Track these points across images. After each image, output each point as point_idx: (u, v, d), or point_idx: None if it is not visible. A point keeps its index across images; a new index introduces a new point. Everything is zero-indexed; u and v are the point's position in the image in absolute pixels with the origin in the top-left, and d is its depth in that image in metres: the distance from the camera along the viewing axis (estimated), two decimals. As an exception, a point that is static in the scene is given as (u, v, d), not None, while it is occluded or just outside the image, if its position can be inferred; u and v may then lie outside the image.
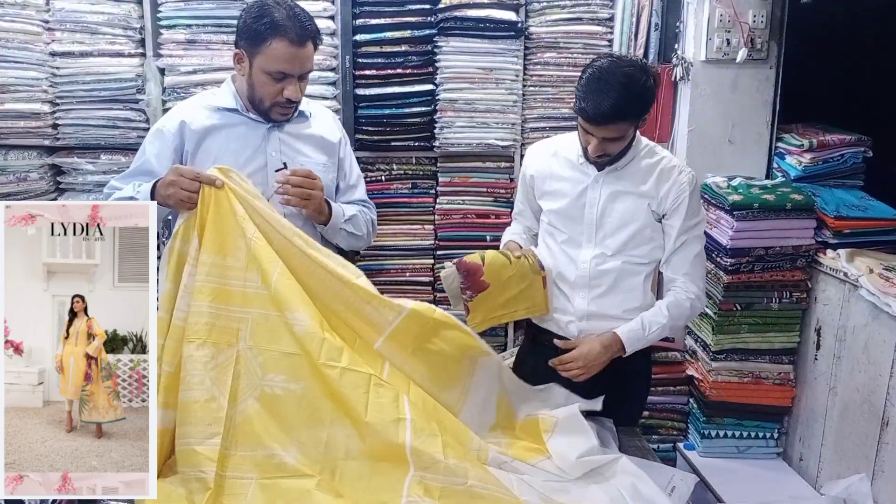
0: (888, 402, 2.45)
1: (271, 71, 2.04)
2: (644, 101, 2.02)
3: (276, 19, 2.01)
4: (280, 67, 2.04)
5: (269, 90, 2.08)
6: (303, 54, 2.05)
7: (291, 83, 2.07)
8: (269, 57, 2.03)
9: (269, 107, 2.11)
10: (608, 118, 1.97)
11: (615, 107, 1.94)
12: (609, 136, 2.02)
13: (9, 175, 3.02)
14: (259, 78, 2.07)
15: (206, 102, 2.20)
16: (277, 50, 2.02)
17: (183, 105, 2.25)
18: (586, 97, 1.97)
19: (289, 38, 2.01)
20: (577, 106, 2.03)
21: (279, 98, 2.08)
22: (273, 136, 2.18)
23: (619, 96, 1.94)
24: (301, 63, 2.06)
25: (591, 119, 1.99)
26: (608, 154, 2.09)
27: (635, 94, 1.98)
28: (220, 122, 2.16)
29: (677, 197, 2.13)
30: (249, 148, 2.15)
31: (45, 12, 2.99)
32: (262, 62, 2.05)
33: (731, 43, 3.02)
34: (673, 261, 2.17)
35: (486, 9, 3.09)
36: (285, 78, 2.06)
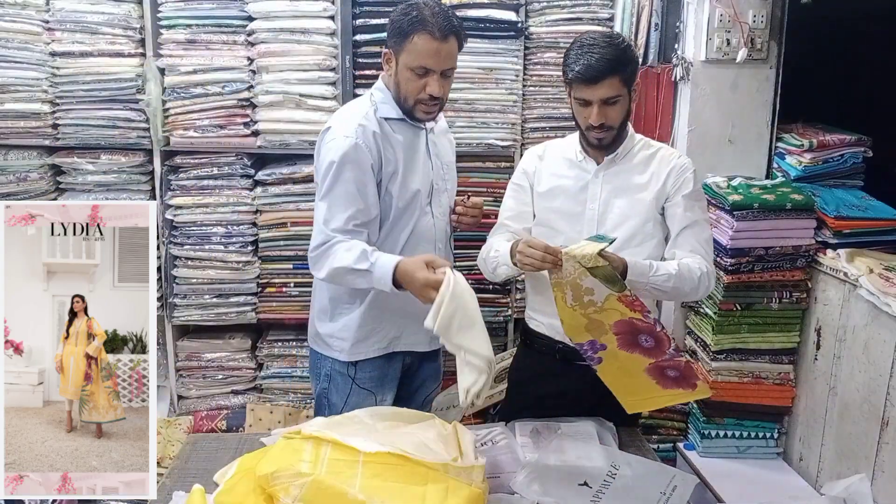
0: (888, 402, 2.45)
1: (414, 66, 2.08)
2: (629, 57, 2.10)
3: (419, 15, 2.06)
4: (422, 62, 2.07)
5: (413, 87, 2.11)
6: (445, 50, 2.08)
7: (433, 79, 2.09)
8: (411, 52, 2.07)
9: (413, 105, 2.14)
10: (602, 72, 2.02)
11: (605, 59, 2.02)
12: (606, 97, 2.04)
13: (9, 175, 3.02)
14: (403, 75, 2.11)
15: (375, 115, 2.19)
16: (419, 45, 2.05)
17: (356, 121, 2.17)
18: (576, 61, 2.05)
19: (430, 32, 2.04)
20: (569, 75, 2.08)
21: (422, 95, 2.11)
22: (430, 142, 2.28)
23: (606, 51, 2.03)
24: (443, 59, 2.09)
25: (586, 77, 2.03)
26: (610, 126, 2.09)
27: (620, 49, 2.06)
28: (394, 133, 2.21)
29: (678, 177, 2.15)
30: (420, 153, 2.24)
31: (45, 12, 2.99)
32: (405, 59, 2.09)
33: (731, 43, 3.02)
34: (680, 240, 2.14)
35: (487, 9, 3.09)
36: (427, 73, 2.09)
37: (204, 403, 3.30)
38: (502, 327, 3.41)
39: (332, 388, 2.30)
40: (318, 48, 3.06)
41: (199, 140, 3.08)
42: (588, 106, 2.07)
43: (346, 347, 2.25)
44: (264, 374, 3.30)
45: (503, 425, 2.15)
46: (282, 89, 3.04)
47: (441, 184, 2.31)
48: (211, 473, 1.81)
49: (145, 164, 3.13)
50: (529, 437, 2.05)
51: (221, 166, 3.13)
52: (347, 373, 2.26)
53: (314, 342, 2.35)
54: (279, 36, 3.03)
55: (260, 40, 3.05)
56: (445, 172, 2.34)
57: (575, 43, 2.10)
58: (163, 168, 3.12)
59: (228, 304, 3.22)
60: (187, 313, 3.22)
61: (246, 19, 3.05)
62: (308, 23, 3.03)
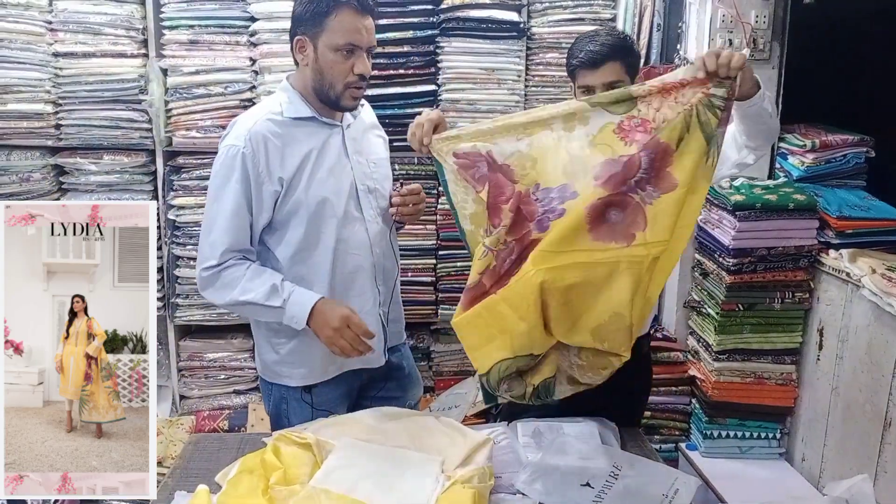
0: (891, 402, 2.44)
1: (340, 45, 1.94)
2: (631, 47, 2.13)
3: None
4: (349, 39, 1.93)
5: (340, 69, 1.96)
6: (368, 24, 1.97)
7: (361, 58, 1.97)
8: (336, 31, 1.93)
9: (342, 90, 1.99)
10: (605, 55, 2.05)
11: (607, 45, 2.06)
12: (608, 81, 2.05)
13: (12, 175, 3.03)
14: (326, 59, 1.96)
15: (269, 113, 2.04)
16: (343, 21, 1.92)
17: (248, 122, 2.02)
18: (580, 50, 2.08)
19: (353, 7, 1.93)
20: (573, 64, 2.10)
21: (350, 77, 1.97)
22: (348, 139, 2.11)
23: (608, 39, 2.08)
24: (368, 34, 1.97)
25: (589, 62, 2.06)
26: None
27: (622, 39, 2.12)
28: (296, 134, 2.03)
29: None
30: (330, 156, 2.06)
31: (48, 13, 3.00)
32: (328, 39, 1.94)
33: (733, 43, 3.01)
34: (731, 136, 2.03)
35: (489, 9, 3.09)
36: (353, 52, 1.95)
37: (206, 403, 3.30)
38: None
39: (289, 410, 2.14)
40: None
41: (202, 140, 3.08)
42: (592, 90, 2.07)
43: (294, 374, 2.11)
44: (266, 375, 3.31)
45: (505, 425, 2.14)
46: (284, 90, 3.04)
47: (370, 183, 2.12)
48: (213, 473, 1.81)
49: (148, 165, 3.14)
50: (531, 438, 2.04)
51: (223, 167, 3.13)
52: (303, 399, 2.12)
53: (264, 373, 2.19)
54: (281, 36, 3.03)
55: (262, 41, 3.05)
56: (374, 170, 2.15)
57: (578, 38, 2.15)
58: (165, 168, 3.13)
59: (230, 304, 3.22)
60: (189, 313, 3.22)
61: (248, 20, 3.06)
62: (310, 23, 3.03)
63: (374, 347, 2.02)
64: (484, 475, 1.66)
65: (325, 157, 2.04)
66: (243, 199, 1.96)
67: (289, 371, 2.11)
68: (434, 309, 3.33)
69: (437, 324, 3.42)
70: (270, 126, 1.98)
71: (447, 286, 3.32)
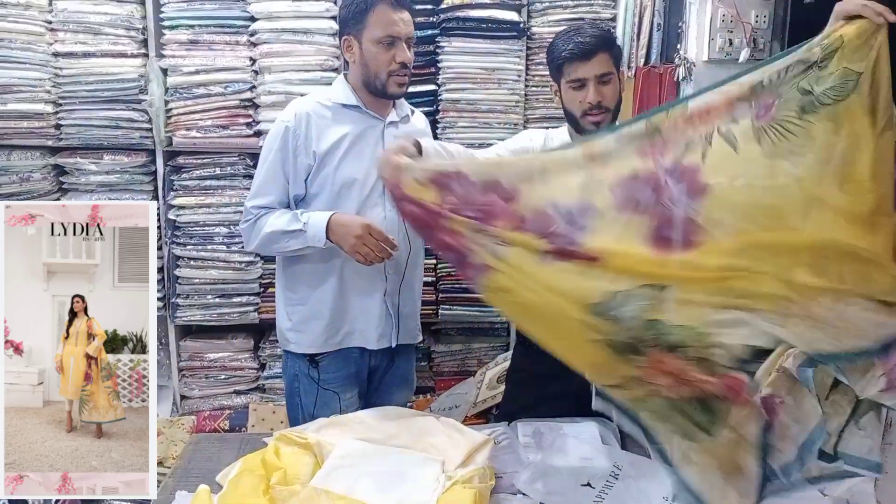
0: (891, 402, 2.43)
1: (380, 37, 2.15)
2: (614, 39, 2.18)
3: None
4: (388, 31, 2.15)
5: (383, 59, 2.17)
6: (405, 17, 2.18)
7: (401, 48, 2.17)
8: (375, 26, 2.15)
9: (387, 79, 2.19)
10: (595, 46, 2.07)
11: (595, 37, 2.08)
12: (600, 72, 2.07)
13: (12, 175, 3.02)
14: (370, 52, 2.17)
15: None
16: (381, 16, 2.14)
17: None
18: (567, 43, 2.09)
19: (388, 2, 2.15)
20: (560, 58, 2.10)
21: (392, 66, 2.17)
22: (388, 135, 2.26)
23: (594, 30, 2.11)
24: (405, 26, 2.18)
25: (580, 54, 2.07)
26: (607, 107, 2.10)
27: (606, 31, 2.19)
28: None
29: None
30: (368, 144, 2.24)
31: (48, 13, 2.99)
32: (370, 34, 2.16)
33: (733, 43, 3.01)
34: None
35: (489, 9, 3.09)
36: (394, 43, 2.16)
37: (207, 403, 3.30)
38: (504, 327, 3.41)
39: (300, 388, 2.34)
40: (321, 49, 3.06)
41: (202, 140, 3.08)
42: (582, 88, 2.09)
43: (301, 341, 2.31)
44: (267, 375, 3.31)
45: (505, 425, 2.14)
46: (284, 90, 3.04)
47: None
48: (213, 473, 1.81)
49: (148, 165, 3.14)
50: (532, 438, 2.04)
51: (224, 166, 3.13)
52: (310, 374, 2.31)
53: (281, 342, 2.41)
54: (281, 36, 3.03)
55: (262, 41, 3.05)
56: None
57: (559, 34, 2.16)
58: (165, 168, 3.13)
59: (231, 304, 3.23)
60: (190, 313, 3.22)
61: (248, 20, 3.06)
62: (310, 23, 3.04)
63: (395, 253, 2.15)
64: (484, 475, 1.66)
65: (360, 143, 2.23)
66: (279, 168, 2.20)
67: (296, 338, 2.31)
68: (434, 309, 3.32)
69: (438, 324, 3.42)
70: (318, 108, 2.23)
71: (447, 286, 3.32)
